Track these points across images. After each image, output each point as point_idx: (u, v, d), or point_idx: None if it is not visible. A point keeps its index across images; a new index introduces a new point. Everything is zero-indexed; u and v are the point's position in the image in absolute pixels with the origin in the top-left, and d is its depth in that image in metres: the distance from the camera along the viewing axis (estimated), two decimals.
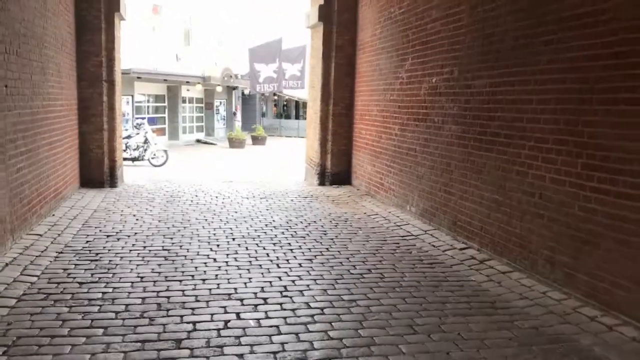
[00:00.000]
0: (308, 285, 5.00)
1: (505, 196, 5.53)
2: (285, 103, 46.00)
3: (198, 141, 30.56)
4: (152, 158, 18.22)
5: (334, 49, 10.66)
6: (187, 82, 28.08)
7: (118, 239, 6.48)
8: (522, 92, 5.31)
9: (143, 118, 23.29)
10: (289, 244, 6.49)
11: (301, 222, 7.71)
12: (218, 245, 6.32)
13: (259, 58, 26.55)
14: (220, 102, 34.22)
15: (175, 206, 8.65)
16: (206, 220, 7.68)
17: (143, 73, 23.12)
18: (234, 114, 34.80)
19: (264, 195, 9.95)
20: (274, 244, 6.46)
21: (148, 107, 27.25)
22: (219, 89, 30.61)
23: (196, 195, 9.70)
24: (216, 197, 9.62)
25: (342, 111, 10.81)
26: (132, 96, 24.52)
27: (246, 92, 35.29)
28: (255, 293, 4.76)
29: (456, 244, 6.40)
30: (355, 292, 4.83)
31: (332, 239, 6.77)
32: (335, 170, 10.95)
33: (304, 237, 6.81)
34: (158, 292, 4.72)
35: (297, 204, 9.15)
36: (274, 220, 7.74)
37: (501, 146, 5.62)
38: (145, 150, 18.27)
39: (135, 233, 6.81)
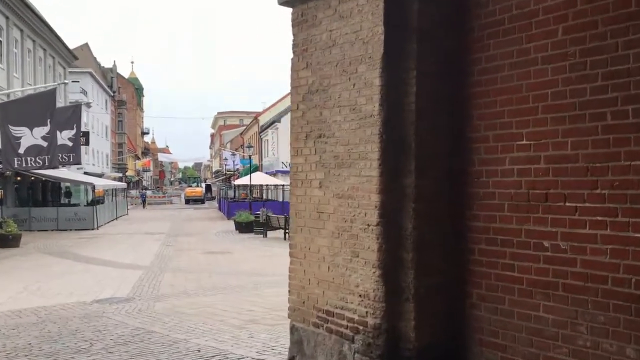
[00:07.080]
0: None
1: None
2: (30, 185, 34.57)
3: None
4: None
5: (414, 36, 4.26)
6: None
7: None
8: None
9: None
10: None
11: None
12: None
13: (18, 119, 17.15)
14: None
15: None
16: None
17: None
18: None
19: None
20: None
21: None
22: None
23: None
24: None
25: (437, 188, 4.34)
26: None
27: None
28: None
29: None
30: None
31: None
32: (427, 342, 4.26)
33: None
34: None
35: None
36: None
37: None
38: None
39: None
